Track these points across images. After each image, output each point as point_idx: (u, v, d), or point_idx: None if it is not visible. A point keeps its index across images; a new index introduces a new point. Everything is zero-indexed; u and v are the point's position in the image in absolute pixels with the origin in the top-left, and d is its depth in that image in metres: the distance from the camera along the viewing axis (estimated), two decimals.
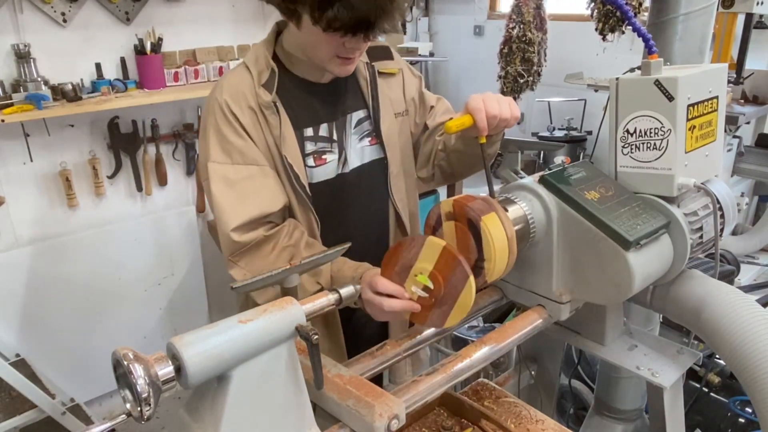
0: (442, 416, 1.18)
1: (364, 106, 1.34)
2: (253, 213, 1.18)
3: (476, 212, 0.95)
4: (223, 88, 1.22)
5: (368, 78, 1.33)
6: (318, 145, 1.28)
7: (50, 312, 2.55)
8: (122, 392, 0.68)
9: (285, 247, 1.20)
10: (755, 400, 0.99)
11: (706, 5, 1.29)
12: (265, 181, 1.21)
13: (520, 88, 3.30)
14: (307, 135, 1.27)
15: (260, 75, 1.21)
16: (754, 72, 2.91)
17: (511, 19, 3.21)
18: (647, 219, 1.02)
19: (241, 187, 1.19)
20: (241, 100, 1.20)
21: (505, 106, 1.09)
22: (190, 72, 2.68)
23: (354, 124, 1.33)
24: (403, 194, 1.40)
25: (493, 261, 0.95)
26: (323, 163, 1.28)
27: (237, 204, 1.18)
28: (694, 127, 1.05)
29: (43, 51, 2.33)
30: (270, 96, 1.20)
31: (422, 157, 1.45)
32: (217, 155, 1.20)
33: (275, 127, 1.20)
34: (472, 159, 1.31)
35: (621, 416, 1.55)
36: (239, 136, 1.20)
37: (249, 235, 1.18)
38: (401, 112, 1.39)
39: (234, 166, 1.20)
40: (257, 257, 1.19)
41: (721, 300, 1.05)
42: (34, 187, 2.48)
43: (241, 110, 1.20)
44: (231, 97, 1.20)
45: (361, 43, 1.15)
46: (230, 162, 1.20)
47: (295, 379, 0.79)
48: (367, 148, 1.35)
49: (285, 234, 1.21)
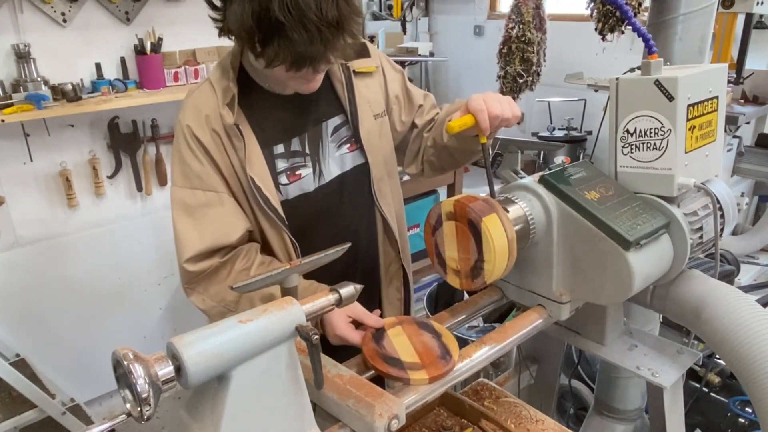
0: (442, 416, 1.18)
1: (341, 112, 1.29)
2: (206, 244, 1.16)
3: (477, 213, 0.95)
4: (186, 111, 1.19)
5: (344, 81, 1.27)
6: (290, 161, 1.24)
7: (50, 312, 2.55)
8: (122, 392, 0.68)
9: (241, 270, 1.18)
10: (755, 400, 0.99)
11: (706, 5, 1.29)
12: (221, 210, 1.18)
13: (519, 88, 3.30)
14: (278, 152, 1.23)
15: (225, 93, 1.16)
16: (754, 72, 2.91)
17: (510, 19, 3.22)
18: (647, 219, 1.02)
19: (199, 214, 1.17)
20: (203, 123, 1.17)
21: (507, 105, 1.08)
22: (190, 72, 2.68)
23: (330, 131, 1.28)
24: (388, 198, 1.36)
25: (493, 263, 0.95)
26: (298, 178, 1.24)
27: (192, 233, 1.16)
28: (694, 127, 1.05)
29: (43, 51, 2.33)
30: (232, 118, 1.15)
31: (410, 153, 1.41)
32: (178, 179, 1.19)
33: (240, 149, 1.16)
34: (465, 155, 1.29)
35: (621, 416, 1.55)
36: (199, 162, 1.17)
37: (202, 265, 1.17)
38: (380, 113, 1.33)
39: (193, 191, 1.18)
40: (213, 282, 1.19)
41: (721, 300, 1.05)
42: (34, 187, 2.48)
43: (203, 132, 1.16)
44: (194, 120, 1.17)
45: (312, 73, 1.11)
46: (189, 186, 1.18)
47: (295, 379, 0.79)
48: (347, 155, 1.29)
49: (241, 258, 1.19)
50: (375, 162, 1.31)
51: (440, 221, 1.02)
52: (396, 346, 0.98)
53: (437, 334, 1.02)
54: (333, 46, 1.03)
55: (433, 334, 1.02)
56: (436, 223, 1.03)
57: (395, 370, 0.92)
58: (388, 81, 1.36)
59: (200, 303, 1.21)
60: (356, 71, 1.29)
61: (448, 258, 1.03)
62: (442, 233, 1.02)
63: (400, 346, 0.98)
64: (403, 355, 0.96)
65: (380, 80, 1.35)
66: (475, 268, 0.98)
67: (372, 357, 0.95)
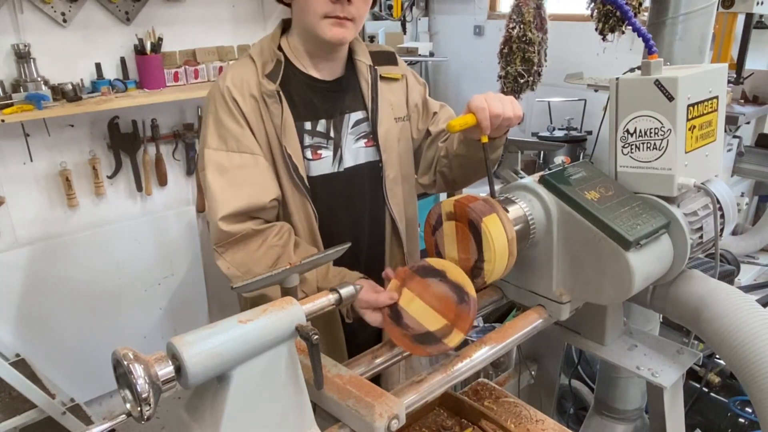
0: (442, 416, 1.18)
1: (363, 108, 1.34)
2: (241, 203, 1.18)
3: (477, 213, 0.95)
4: (227, 77, 1.24)
5: (370, 80, 1.34)
6: (314, 140, 1.28)
7: (50, 312, 2.55)
8: (122, 392, 0.68)
9: (273, 245, 1.20)
10: (755, 400, 0.99)
11: (706, 5, 1.29)
12: (256, 171, 1.22)
13: (520, 88, 3.29)
14: (306, 128, 1.28)
15: (264, 65, 1.24)
16: (754, 72, 2.91)
17: (511, 19, 3.21)
18: (647, 219, 1.02)
19: (233, 175, 1.20)
20: (244, 88, 1.22)
21: (508, 104, 1.09)
22: (190, 72, 2.68)
23: (351, 124, 1.33)
24: (399, 200, 1.40)
25: (493, 262, 0.95)
26: (319, 158, 1.29)
27: (228, 193, 1.19)
28: (694, 127, 1.05)
29: (43, 51, 2.33)
30: (274, 85, 1.21)
31: (424, 162, 1.45)
32: (213, 141, 1.22)
33: (276, 115, 1.22)
34: (475, 164, 1.31)
35: (621, 416, 1.55)
36: (237, 123, 1.21)
37: (236, 227, 1.19)
38: (402, 117, 1.39)
39: (228, 153, 1.21)
40: (242, 250, 1.20)
41: (721, 300, 1.05)
42: (34, 187, 2.48)
43: (242, 98, 1.22)
44: (234, 84, 1.22)
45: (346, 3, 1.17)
46: (225, 149, 1.21)
47: (295, 379, 0.79)
48: (362, 149, 1.34)
49: (275, 233, 1.21)
50: (389, 161, 1.35)
51: (440, 221, 1.02)
52: (415, 315, 0.97)
53: (442, 274, 0.99)
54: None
55: (439, 277, 0.99)
56: (436, 223, 1.03)
57: (433, 347, 0.93)
58: (410, 89, 1.42)
59: (225, 268, 1.22)
60: (383, 76, 1.36)
61: (448, 258, 1.03)
62: (442, 233, 1.02)
63: (419, 313, 0.97)
64: (427, 323, 0.95)
65: (404, 88, 1.42)
66: (475, 268, 0.98)
67: (404, 343, 0.94)
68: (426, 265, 1.01)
